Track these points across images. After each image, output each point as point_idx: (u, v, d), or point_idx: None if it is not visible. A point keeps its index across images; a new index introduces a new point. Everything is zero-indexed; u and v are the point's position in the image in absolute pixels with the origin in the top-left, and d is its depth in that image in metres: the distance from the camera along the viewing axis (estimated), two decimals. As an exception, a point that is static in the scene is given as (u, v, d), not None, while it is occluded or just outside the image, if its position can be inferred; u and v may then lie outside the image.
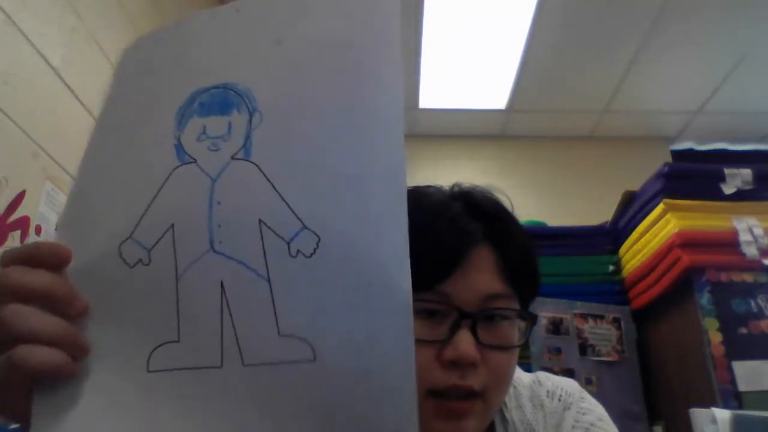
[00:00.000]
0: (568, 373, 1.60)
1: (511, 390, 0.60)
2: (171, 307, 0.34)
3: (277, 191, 0.34)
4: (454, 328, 0.49)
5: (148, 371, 0.34)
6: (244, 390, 0.33)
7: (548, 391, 0.61)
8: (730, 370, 1.37)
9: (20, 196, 1.11)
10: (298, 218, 0.33)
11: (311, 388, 0.32)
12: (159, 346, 0.34)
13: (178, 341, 0.34)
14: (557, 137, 3.09)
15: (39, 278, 0.34)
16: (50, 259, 0.35)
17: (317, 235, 0.33)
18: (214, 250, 0.34)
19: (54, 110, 1.26)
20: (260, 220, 0.34)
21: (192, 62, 0.39)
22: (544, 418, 0.58)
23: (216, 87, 0.37)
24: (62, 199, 1.24)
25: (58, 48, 1.26)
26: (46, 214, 1.19)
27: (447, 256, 0.50)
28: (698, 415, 1.25)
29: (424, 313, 0.49)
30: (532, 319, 0.54)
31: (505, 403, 0.59)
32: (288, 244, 0.33)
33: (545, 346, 1.65)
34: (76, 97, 1.34)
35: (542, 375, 0.63)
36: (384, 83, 0.36)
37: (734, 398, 1.34)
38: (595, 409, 0.60)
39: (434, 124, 3.04)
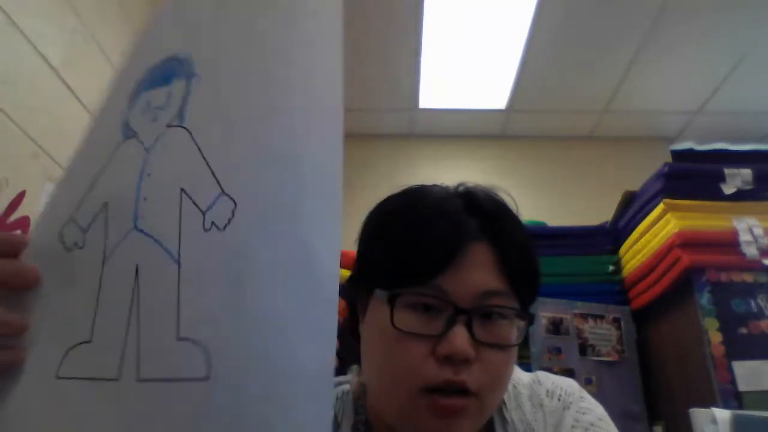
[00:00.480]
0: (568, 373, 1.60)
1: (510, 389, 0.60)
2: (92, 299, 0.31)
3: (202, 155, 0.31)
4: (449, 324, 0.48)
5: (58, 377, 0.30)
6: (137, 407, 0.28)
7: (548, 391, 0.61)
8: (730, 370, 1.37)
9: (20, 196, 1.11)
10: (218, 182, 0.30)
11: (204, 414, 0.27)
12: (74, 346, 0.30)
13: (90, 341, 0.30)
14: (557, 137, 3.09)
15: None
16: (3, 248, 0.34)
17: (234, 201, 0.29)
18: (137, 227, 0.31)
19: (54, 110, 1.25)
20: (182, 189, 0.31)
21: (150, 42, 0.39)
22: (543, 417, 0.58)
23: (165, 60, 0.36)
24: (62, 199, 1.24)
25: (58, 48, 1.26)
26: (46, 214, 1.19)
27: (443, 250, 0.49)
28: (698, 415, 1.25)
29: (420, 307, 0.49)
30: (529, 319, 0.53)
31: (505, 403, 0.59)
32: (204, 214, 0.30)
33: (545, 346, 1.65)
34: (76, 97, 1.34)
35: (542, 374, 0.63)
36: (320, 45, 0.34)
37: (734, 398, 1.34)
38: (594, 409, 0.60)
39: (434, 124, 3.03)
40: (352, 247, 0.56)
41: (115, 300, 0.30)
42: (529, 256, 0.55)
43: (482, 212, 0.53)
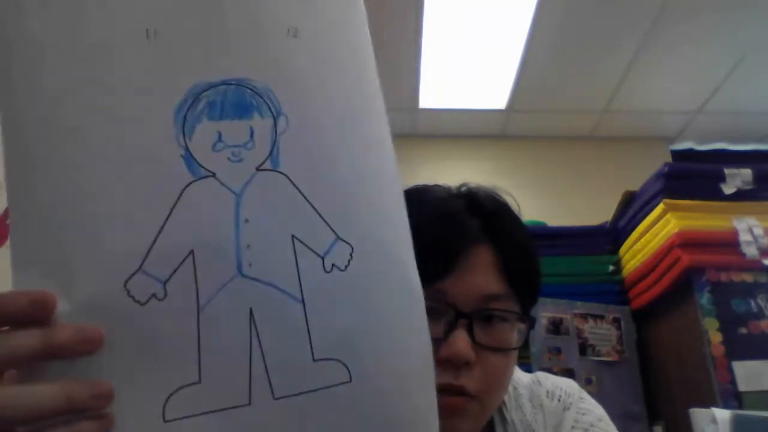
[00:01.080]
0: (568, 373, 1.60)
1: (510, 390, 0.60)
2: (191, 345, 0.30)
3: (309, 203, 0.32)
4: (450, 327, 0.49)
5: (165, 421, 0.29)
6: (275, 425, 0.31)
7: (548, 392, 0.61)
8: (730, 370, 1.37)
9: (20, 196, 1.12)
10: (332, 230, 0.32)
11: (348, 410, 0.32)
12: (177, 390, 0.30)
13: (199, 382, 0.30)
14: (557, 137, 3.09)
15: (27, 339, 0.27)
16: (33, 312, 0.28)
17: (350, 245, 0.32)
18: (242, 275, 0.31)
19: (54, 110, 1.25)
20: (293, 236, 0.31)
21: (177, 39, 0.31)
22: (543, 418, 0.58)
23: (225, 82, 0.31)
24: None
25: (58, 48, 1.26)
26: (46, 214, 1.19)
27: (445, 253, 0.49)
28: (698, 415, 1.25)
29: None
30: (530, 322, 0.53)
31: (505, 403, 0.59)
32: (322, 258, 0.32)
33: (545, 346, 1.65)
34: (76, 97, 1.34)
35: (542, 375, 0.63)
36: (371, 71, 0.37)
37: (734, 398, 1.34)
38: (594, 410, 0.60)
39: (434, 124, 3.04)
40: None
41: (226, 342, 0.31)
42: (531, 258, 0.55)
43: (484, 213, 0.53)
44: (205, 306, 0.30)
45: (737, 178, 1.56)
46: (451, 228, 0.51)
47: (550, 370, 0.68)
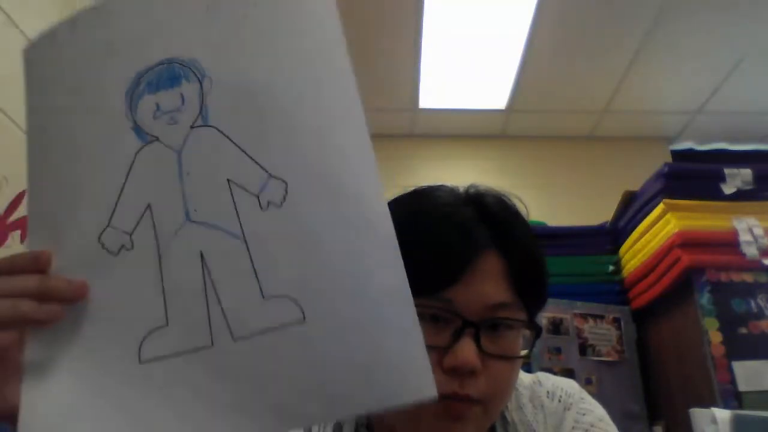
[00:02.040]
0: (568, 373, 1.60)
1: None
2: (157, 289, 0.34)
3: (240, 148, 0.35)
4: (457, 336, 0.48)
5: (140, 362, 0.34)
6: (238, 366, 0.32)
7: (548, 392, 0.61)
8: (730, 370, 1.37)
9: (20, 196, 1.11)
10: (264, 169, 0.34)
11: (306, 349, 0.32)
12: (149, 333, 0.34)
13: (167, 325, 0.34)
14: (557, 137, 3.09)
15: (27, 281, 0.35)
16: (31, 266, 0.35)
17: (284, 181, 0.34)
18: (190, 220, 0.35)
19: (54, 110, 1.25)
20: (228, 180, 0.34)
21: (125, 45, 0.39)
22: (544, 418, 0.58)
23: (160, 63, 0.37)
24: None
25: (58, 48, 1.26)
26: (46, 214, 1.19)
27: (453, 262, 0.49)
28: (698, 415, 1.25)
29: (428, 318, 0.48)
30: (537, 331, 0.53)
31: (506, 404, 0.59)
32: (257, 197, 0.34)
33: (545, 346, 1.65)
34: (76, 97, 1.34)
35: (542, 375, 0.63)
36: (321, 21, 0.37)
37: (734, 398, 1.34)
38: (595, 410, 0.60)
39: (434, 124, 3.03)
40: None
41: (184, 284, 0.34)
42: (538, 266, 0.54)
43: (493, 220, 0.53)
44: (165, 251, 0.35)
45: (737, 178, 1.56)
46: (460, 237, 0.50)
47: (550, 370, 0.68)
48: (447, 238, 0.50)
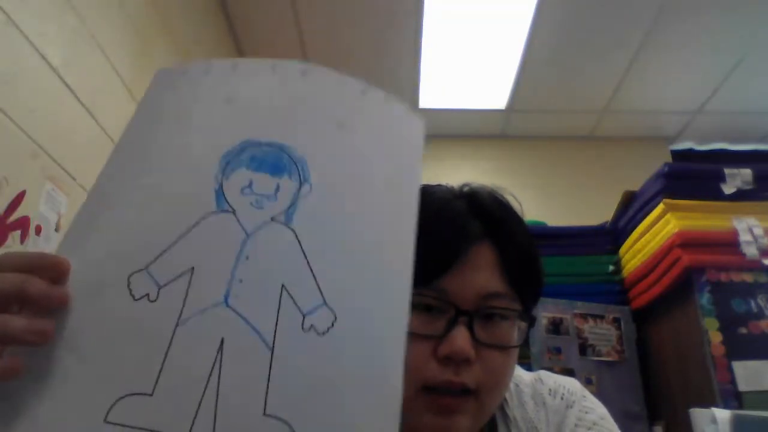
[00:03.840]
0: (568, 373, 1.60)
1: (512, 387, 0.60)
2: (159, 354, 0.32)
3: (307, 261, 0.34)
4: (451, 325, 0.49)
5: (105, 421, 0.31)
6: None
7: (550, 390, 0.61)
8: (730, 370, 1.37)
9: (20, 196, 1.11)
10: (321, 293, 0.33)
11: None
12: (128, 395, 0.31)
13: (151, 395, 0.31)
14: (557, 137, 3.09)
15: (8, 279, 0.32)
16: (50, 270, 0.33)
17: (335, 315, 0.33)
18: (227, 304, 0.33)
19: (54, 110, 1.25)
20: (283, 286, 0.34)
21: (247, 108, 0.39)
22: (546, 415, 0.59)
23: (270, 144, 0.37)
24: (62, 199, 1.24)
25: (58, 48, 1.26)
26: (46, 214, 1.19)
27: (445, 252, 0.50)
28: (698, 415, 1.25)
29: (422, 307, 0.50)
30: (530, 321, 0.54)
31: (506, 401, 0.59)
32: (304, 316, 0.33)
33: (545, 346, 1.65)
34: (76, 97, 1.34)
35: (543, 374, 0.64)
36: (410, 185, 0.39)
37: (734, 398, 1.34)
38: (597, 408, 0.60)
39: (434, 124, 3.03)
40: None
41: (191, 363, 0.32)
42: (532, 258, 0.55)
43: (486, 214, 0.54)
44: (186, 321, 0.33)
45: (737, 178, 1.56)
46: (453, 228, 0.52)
47: (550, 370, 0.68)
48: (440, 230, 0.51)
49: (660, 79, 2.65)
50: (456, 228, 0.52)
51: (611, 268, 1.79)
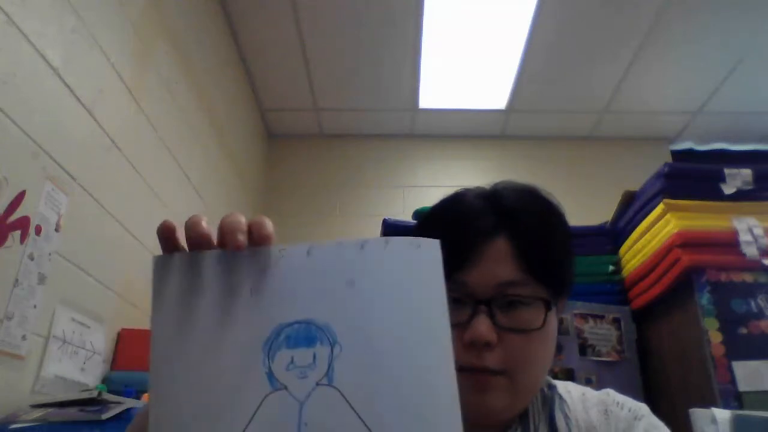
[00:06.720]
0: (568, 373, 1.60)
1: (579, 395, 0.65)
2: None
3: (355, 412, 0.40)
4: (473, 314, 0.55)
5: None
6: None
7: (617, 402, 0.65)
8: (730, 370, 1.37)
9: (20, 196, 1.11)
10: None
11: None
12: None
13: None
14: (557, 137, 3.09)
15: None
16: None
17: None
18: None
19: (54, 110, 1.26)
20: None
21: (272, 296, 0.45)
22: (607, 420, 0.63)
23: (298, 322, 0.43)
24: (62, 199, 1.24)
25: (58, 48, 1.26)
26: (46, 214, 1.19)
27: (461, 249, 0.56)
28: (698, 415, 1.25)
29: (451, 300, 0.54)
30: (546, 304, 0.57)
31: (568, 405, 0.64)
32: None
33: (545, 346, 1.65)
34: (76, 97, 1.34)
35: (611, 391, 0.68)
36: (432, 304, 0.44)
37: (734, 398, 1.34)
38: (663, 428, 0.63)
39: (434, 124, 3.04)
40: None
41: None
42: (548, 247, 0.59)
43: (501, 209, 0.60)
44: None
45: (737, 178, 1.56)
46: (468, 226, 0.58)
47: (550, 371, 0.68)
48: (456, 229, 0.58)
49: (660, 79, 2.66)
50: (471, 225, 0.58)
51: (611, 268, 1.79)
